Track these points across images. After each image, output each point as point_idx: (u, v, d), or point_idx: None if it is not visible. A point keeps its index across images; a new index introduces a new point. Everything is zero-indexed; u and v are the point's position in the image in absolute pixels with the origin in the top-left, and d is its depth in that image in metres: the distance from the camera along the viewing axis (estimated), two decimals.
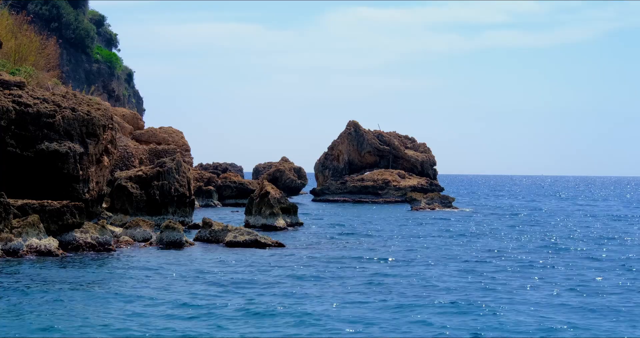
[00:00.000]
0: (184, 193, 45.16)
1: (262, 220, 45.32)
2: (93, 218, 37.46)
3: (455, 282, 25.56)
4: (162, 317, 19.56)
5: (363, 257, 32.48)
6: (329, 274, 27.06)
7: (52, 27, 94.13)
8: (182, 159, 48.08)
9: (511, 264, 30.51)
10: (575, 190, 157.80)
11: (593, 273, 28.34)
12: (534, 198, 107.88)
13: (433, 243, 38.61)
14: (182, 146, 67.59)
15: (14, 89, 37.65)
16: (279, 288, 23.85)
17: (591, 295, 23.41)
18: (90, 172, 37.91)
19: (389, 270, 28.47)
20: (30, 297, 21.72)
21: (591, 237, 43.57)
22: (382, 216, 60.69)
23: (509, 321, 19.46)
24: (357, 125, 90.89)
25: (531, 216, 64.44)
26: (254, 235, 35.98)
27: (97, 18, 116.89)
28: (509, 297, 22.83)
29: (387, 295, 22.96)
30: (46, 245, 29.98)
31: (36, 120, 36.50)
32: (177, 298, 22.02)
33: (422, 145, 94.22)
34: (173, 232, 34.90)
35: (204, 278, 25.63)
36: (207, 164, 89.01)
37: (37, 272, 25.98)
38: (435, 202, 70.49)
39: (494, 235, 44.40)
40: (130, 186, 43.96)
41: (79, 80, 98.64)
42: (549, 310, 20.95)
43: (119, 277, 25.72)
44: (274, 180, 78.97)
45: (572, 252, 35.72)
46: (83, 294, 22.33)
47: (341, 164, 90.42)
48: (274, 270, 27.79)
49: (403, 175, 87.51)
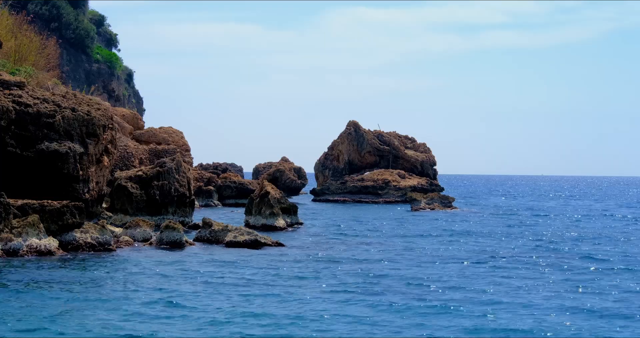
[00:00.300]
0: (184, 193, 45.18)
1: (262, 220, 45.34)
2: (93, 218, 37.48)
3: (454, 282, 25.58)
4: (162, 317, 19.59)
5: (363, 257, 32.51)
6: (329, 274, 27.09)
7: (52, 27, 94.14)
8: (182, 159, 48.10)
9: (511, 264, 30.53)
10: (574, 190, 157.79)
11: (591, 272, 28.36)
12: (534, 198, 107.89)
13: (433, 244, 38.63)
14: (182, 146, 67.58)
15: (14, 89, 37.68)
16: (278, 288, 23.88)
17: (589, 295, 23.43)
18: (90, 172, 37.94)
19: (388, 270, 28.49)
20: (30, 297, 21.75)
21: (589, 237, 43.59)
22: (382, 216, 60.71)
23: (508, 322, 19.50)
24: (357, 125, 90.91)
25: (531, 216, 64.46)
26: (254, 235, 36.00)
27: (97, 18, 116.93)
28: (508, 297, 22.85)
29: (387, 295, 22.99)
30: (46, 245, 30.00)
31: (36, 120, 36.53)
32: (177, 298, 22.04)
33: (422, 145, 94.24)
34: (173, 232, 34.92)
35: (203, 279, 25.66)
36: (207, 164, 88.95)
37: (37, 272, 26.01)
38: (435, 202, 70.50)
39: (493, 235, 44.40)
40: (130, 186, 43.98)
41: (79, 80, 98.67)
42: (547, 311, 20.97)
43: (118, 277, 25.74)
44: (274, 180, 78.98)
45: (570, 251, 35.72)
46: (83, 294, 22.36)
47: (341, 164, 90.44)
48: (274, 270, 27.81)
49: (403, 175, 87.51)
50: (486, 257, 33.09)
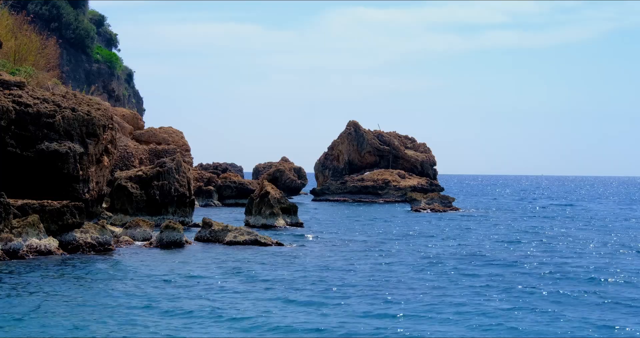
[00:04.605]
0: (184, 193, 45.18)
1: (262, 220, 45.35)
2: (93, 218, 37.48)
3: (454, 282, 25.59)
4: (161, 316, 19.59)
5: (362, 257, 32.52)
6: (329, 274, 27.08)
7: (52, 27, 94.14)
8: (182, 159, 48.12)
9: (510, 264, 30.54)
10: (572, 191, 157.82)
11: (585, 270, 28.37)
12: (534, 199, 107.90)
13: (432, 244, 38.62)
14: (182, 146, 67.60)
15: (14, 89, 37.68)
16: (277, 288, 23.87)
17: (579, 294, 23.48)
18: (90, 172, 37.94)
19: (388, 270, 28.50)
20: (30, 297, 21.74)
21: (588, 236, 43.60)
22: (382, 216, 60.71)
23: (507, 322, 19.52)
24: (357, 125, 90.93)
25: (530, 216, 64.47)
26: (254, 235, 36.00)
27: (97, 18, 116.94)
28: (507, 298, 22.87)
29: (387, 295, 22.99)
30: (46, 245, 29.99)
31: (36, 120, 36.53)
32: (176, 297, 22.05)
33: (422, 145, 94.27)
34: (173, 232, 34.91)
35: (203, 279, 25.65)
36: (207, 164, 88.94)
37: (37, 272, 25.99)
38: (435, 202, 70.49)
39: (493, 235, 44.40)
40: (130, 186, 43.99)
41: (79, 80, 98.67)
42: (546, 311, 21.00)
43: (118, 277, 25.73)
44: (274, 180, 79.01)
45: (568, 250, 35.75)
46: (82, 294, 22.35)
47: (341, 164, 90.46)
48: (273, 270, 27.81)
49: (403, 175, 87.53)
50: (485, 257, 33.06)
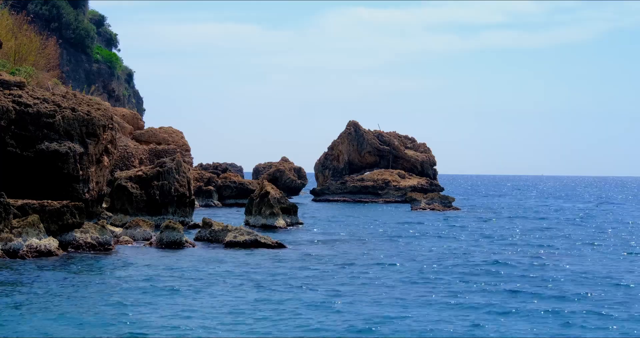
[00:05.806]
0: (184, 193, 45.18)
1: (262, 220, 45.34)
2: (93, 218, 37.47)
3: (453, 282, 25.59)
4: (160, 316, 19.59)
5: (362, 257, 32.52)
6: (329, 274, 27.10)
7: (52, 27, 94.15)
8: (182, 159, 48.11)
9: (510, 265, 30.53)
10: (573, 191, 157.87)
11: (583, 269, 28.38)
12: (534, 198, 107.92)
13: (432, 244, 38.62)
14: (182, 146, 67.64)
15: (14, 89, 37.68)
16: (277, 289, 23.87)
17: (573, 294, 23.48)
18: (90, 172, 37.94)
19: (388, 270, 28.51)
20: (30, 297, 21.73)
21: (587, 237, 43.61)
22: (382, 216, 60.71)
23: (507, 322, 19.52)
24: (357, 125, 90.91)
25: (531, 216, 64.47)
26: (254, 235, 35.99)
27: (97, 18, 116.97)
28: (506, 298, 22.87)
29: (387, 295, 23.00)
30: (46, 245, 29.98)
31: (36, 120, 36.53)
32: (176, 297, 22.05)
33: (422, 145, 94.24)
34: (173, 232, 34.90)
35: (202, 279, 25.65)
36: (207, 164, 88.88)
37: (37, 272, 25.99)
38: (435, 202, 70.49)
39: (493, 235, 44.40)
40: (130, 186, 43.98)
41: (79, 80, 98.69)
42: (545, 313, 21.01)
43: (118, 277, 25.73)
44: (274, 180, 78.99)
45: (568, 251, 35.76)
46: (82, 294, 22.35)
47: (341, 164, 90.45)
48: (273, 270, 27.81)
49: (403, 175, 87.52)
50: (485, 257, 33.07)
